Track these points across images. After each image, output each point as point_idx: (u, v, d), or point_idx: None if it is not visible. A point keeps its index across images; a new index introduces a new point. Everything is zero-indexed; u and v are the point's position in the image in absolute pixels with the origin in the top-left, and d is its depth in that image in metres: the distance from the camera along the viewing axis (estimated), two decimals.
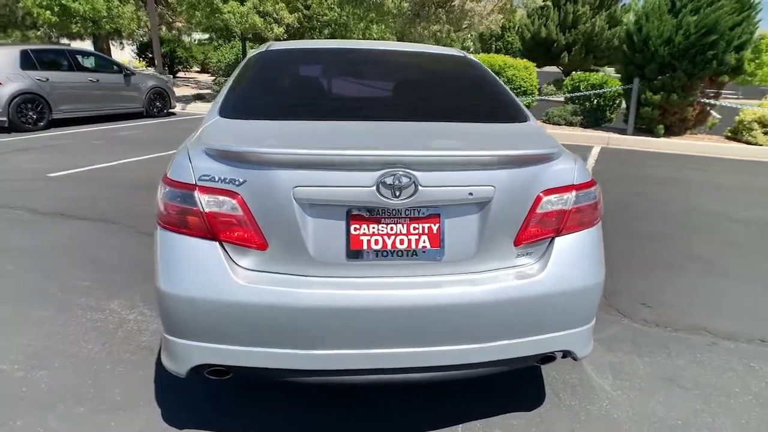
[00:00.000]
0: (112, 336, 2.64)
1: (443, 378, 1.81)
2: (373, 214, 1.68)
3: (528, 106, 9.30)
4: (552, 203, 1.79)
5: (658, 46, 8.49)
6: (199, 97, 14.43)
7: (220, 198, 1.64)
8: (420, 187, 1.63)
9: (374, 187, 1.62)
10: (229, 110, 2.08)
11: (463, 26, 10.16)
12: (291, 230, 1.65)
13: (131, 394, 2.19)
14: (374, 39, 17.37)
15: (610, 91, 9.89)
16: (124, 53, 25.08)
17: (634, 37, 8.91)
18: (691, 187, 6.23)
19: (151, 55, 23.27)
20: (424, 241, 1.71)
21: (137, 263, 3.47)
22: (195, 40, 27.66)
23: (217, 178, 1.65)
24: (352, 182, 1.62)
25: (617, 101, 10.15)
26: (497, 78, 2.59)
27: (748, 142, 8.60)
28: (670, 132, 9.10)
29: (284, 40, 15.74)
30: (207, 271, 1.65)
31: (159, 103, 11.42)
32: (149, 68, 22.14)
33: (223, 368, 1.74)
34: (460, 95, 2.42)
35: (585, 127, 9.98)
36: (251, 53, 2.71)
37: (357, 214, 1.67)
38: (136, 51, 26.01)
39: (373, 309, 1.66)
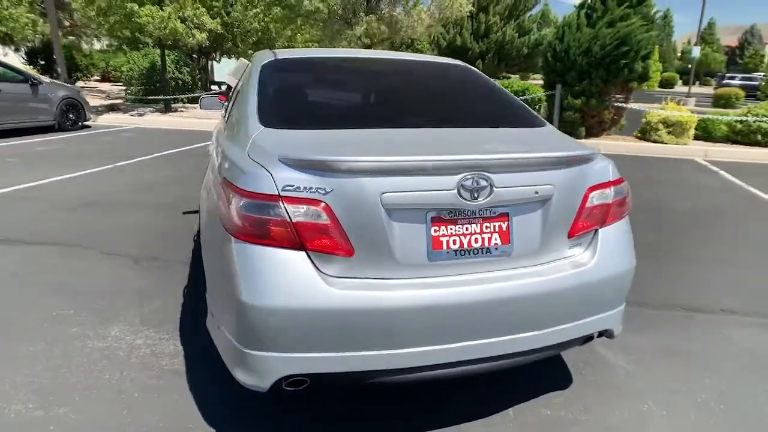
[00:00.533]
0: (126, 363, 2.46)
1: (510, 365, 1.92)
2: (451, 216, 1.75)
3: None
4: (597, 198, 1.97)
5: (577, 55, 9.27)
6: (112, 108, 13.51)
7: (307, 207, 1.64)
8: (495, 189, 1.74)
9: (455, 190, 1.70)
10: (273, 121, 2.06)
11: (396, 34, 10.42)
12: (378, 235, 1.68)
13: (176, 419, 2.08)
14: (299, 47, 17.21)
15: (534, 97, 10.62)
16: (10, 59, 22.72)
17: (556, 47, 9.65)
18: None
19: (42, 62, 21.36)
20: (495, 239, 1.82)
21: (118, 286, 3.25)
22: (94, 47, 25.76)
23: (302, 188, 1.64)
24: (435, 186, 1.70)
25: (538, 107, 10.92)
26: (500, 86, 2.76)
27: (655, 141, 9.62)
28: (589, 133, 9.96)
29: (207, 47, 15.23)
30: (296, 281, 1.64)
31: (72, 115, 10.54)
32: (46, 77, 20.31)
33: (305, 377, 1.73)
34: (482, 102, 2.56)
35: None
36: (257, 63, 2.66)
37: (437, 216, 1.74)
38: (25, 56, 23.67)
39: (454, 306, 1.73)
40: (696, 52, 24.19)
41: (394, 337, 1.71)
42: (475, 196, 1.72)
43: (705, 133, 9.85)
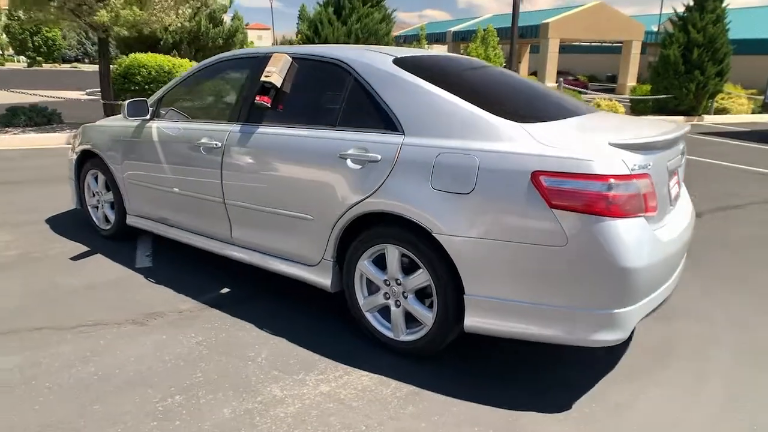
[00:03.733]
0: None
1: None
2: (671, 175, 2.42)
3: None
4: None
5: None
6: None
7: (645, 180, 2.07)
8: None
9: (679, 156, 2.40)
10: (506, 116, 2.26)
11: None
12: (663, 193, 2.24)
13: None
14: None
15: None
16: None
17: (315, 41, 10.31)
18: None
19: None
20: (675, 189, 2.57)
21: None
22: None
23: (639, 166, 2.06)
24: (675, 154, 2.35)
25: None
26: None
27: None
28: None
29: None
30: (649, 240, 2.07)
31: None
32: None
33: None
34: (545, 93, 3.07)
35: None
36: (379, 62, 2.64)
37: (671, 171, 2.39)
38: None
39: (679, 237, 2.41)
40: None
41: (670, 268, 2.29)
42: (678, 160, 2.44)
43: None
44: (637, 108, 15.08)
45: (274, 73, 2.86)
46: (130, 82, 11.01)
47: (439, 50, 27.48)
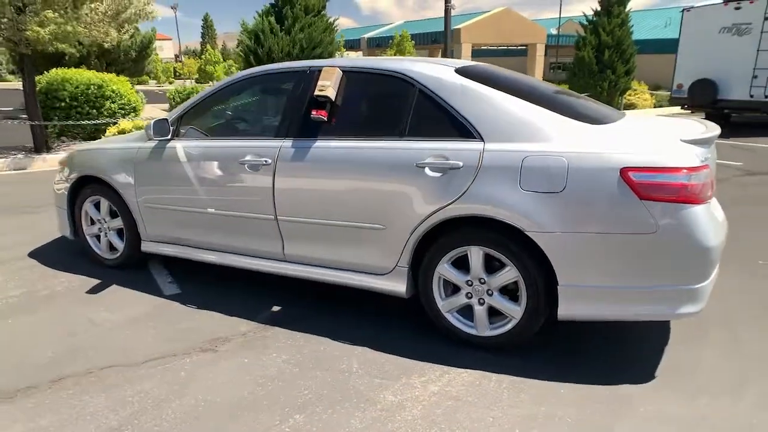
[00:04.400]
0: None
1: None
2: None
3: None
4: None
5: (280, 58, 10.07)
6: None
7: (708, 171, 2.36)
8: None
9: (714, 150, 2.72)
10: (581, 118, 2.50)
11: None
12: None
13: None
14: None
15: None
16: None
17: (258, 51, 10.12)
18: None
19: None
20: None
21: None
22: None
23: (703, 159, 2.35)
24: (713, 148, 2.67)
25: None
26: None
27: None
28: None
29: None
30: (715, 222, 2.38)
31: None
32: None
33: None
34: (578, 97, 3.34)
35: None
36: (441, 72, 2.78)
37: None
38: None
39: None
40: None
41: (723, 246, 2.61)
42: (713, 154, 2.78)
43: None
44: None
45: (329, 87, 2.89)
46: (54, 99, 10.15)
47: (357, 57, 28.00)
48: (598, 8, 15.62)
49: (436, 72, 2.79)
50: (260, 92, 3.45)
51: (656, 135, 2.55)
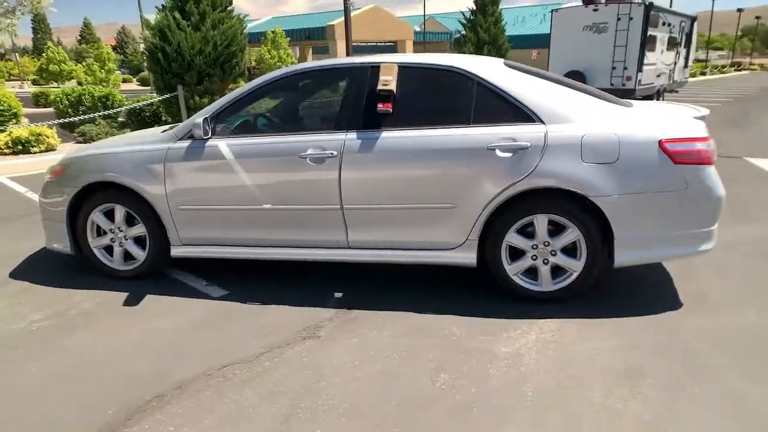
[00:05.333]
0: None
1: None
2: None
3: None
4: None
5: (193, 56, 9.59)
6: None
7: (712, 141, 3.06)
8: None
9: None
10: (614, 102, 3.09)
11: None
12: None
13: None
14: None
15: (155, 102, 10.03)
16: None
17: (166, 49, 9.50)
18: None
19: None
20: None
21: None
22: None
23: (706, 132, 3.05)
24: None
25: (156, 112, 10.36)
26: None
27: None
28: None
29: None
30: (718, 176, 3.09)
31: None
32: None
33: None
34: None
35: None
36: (491, 65, 3.18)
37: None
38: None
39: None
40: None
41: None
42: None
43: None
44: None
45: (392, 82, 3.12)
46: None
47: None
48: (474, 7, 17.12)
49: (490, 66, 3.17)
50: (308, 88, 3.52)
51: (673, 114, 3.21)
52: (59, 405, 2.34)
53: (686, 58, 16.33)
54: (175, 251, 3.57)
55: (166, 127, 4.02)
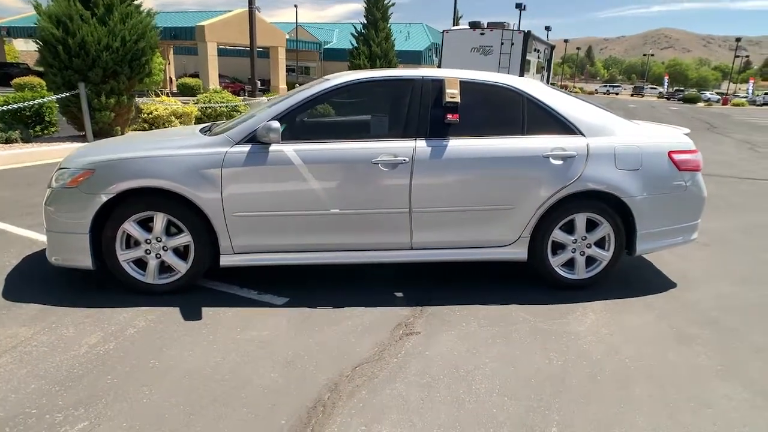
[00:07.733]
0: None
1: None
2: None
3: None
4: None
5: (100, 51, 8.63)
6: None
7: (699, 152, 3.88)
8: None
9: None
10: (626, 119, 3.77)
11: None
12: None
13: None
14: None
15: (47, 101, 8.69)
16: None
17: (68, 41, 8.40)
18: None
19: None
20: None
21: None
22: None
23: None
24: None
25: (46, 113, 8.98)
26: None
27: None
28: (119, 131, 9.57)
29: None
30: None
31: None
32: None
33: None
34: None
35: (27, 142, 8.44)
36: (547, 89, 3.67)
37: None
38: None
39: None
40: None
41: None
42: None
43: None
44: None
45: (457, 95, 3.41)
46: None
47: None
48: (365, 21, 17.77)
49: (536, 85, 3.64)
50: (370, 96, 3.60)
51: (670, 131, 3.97)
52: (223, 426, 2.22)
53: (547, 81, 18.85)
54: (226, 260, 3.42)
55: (202, 126, 3.78)
